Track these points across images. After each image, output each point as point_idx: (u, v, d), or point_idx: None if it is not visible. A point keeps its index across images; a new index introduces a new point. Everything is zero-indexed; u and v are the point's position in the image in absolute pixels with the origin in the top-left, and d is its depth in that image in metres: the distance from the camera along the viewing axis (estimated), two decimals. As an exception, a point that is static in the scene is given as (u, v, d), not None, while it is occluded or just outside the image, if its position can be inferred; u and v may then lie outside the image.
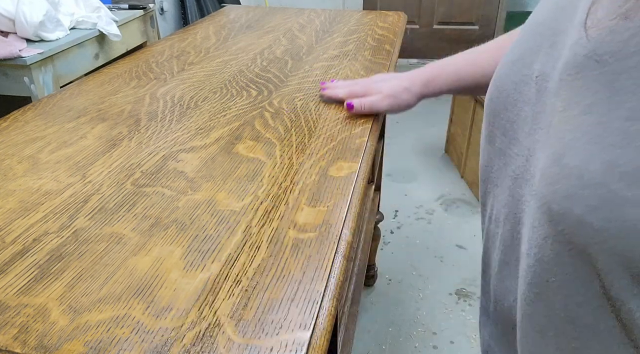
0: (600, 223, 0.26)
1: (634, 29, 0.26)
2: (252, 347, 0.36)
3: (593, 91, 0.27)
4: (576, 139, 0.27)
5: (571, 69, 0.29)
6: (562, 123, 0.29)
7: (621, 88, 0.26)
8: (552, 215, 0.29)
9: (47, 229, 0.48)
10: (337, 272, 0.44)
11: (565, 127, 0.29)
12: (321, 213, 0.50)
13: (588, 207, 0.26)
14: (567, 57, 0.30)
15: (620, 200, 0.25)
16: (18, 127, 0.69)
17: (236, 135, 0.67)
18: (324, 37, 1.12)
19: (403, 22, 1.25)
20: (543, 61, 0.33)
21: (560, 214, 0.28)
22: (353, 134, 0.67)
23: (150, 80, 0.86)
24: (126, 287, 0.41)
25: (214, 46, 1.06)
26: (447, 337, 1.41)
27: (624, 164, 0.25)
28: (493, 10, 3.23)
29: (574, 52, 0.29)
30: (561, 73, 0.30)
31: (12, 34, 1.45)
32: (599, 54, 0.27)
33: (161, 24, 2.57)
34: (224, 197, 0.53)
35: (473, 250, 1.74)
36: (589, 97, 0.27)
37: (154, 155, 0.62)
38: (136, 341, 0.36)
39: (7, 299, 0.40)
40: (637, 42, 0.25)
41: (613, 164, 0.25)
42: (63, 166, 0.59)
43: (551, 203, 0.29)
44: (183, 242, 0.46)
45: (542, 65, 0.33)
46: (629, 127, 0.25)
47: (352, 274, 0.93)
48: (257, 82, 0.85)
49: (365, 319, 1.48)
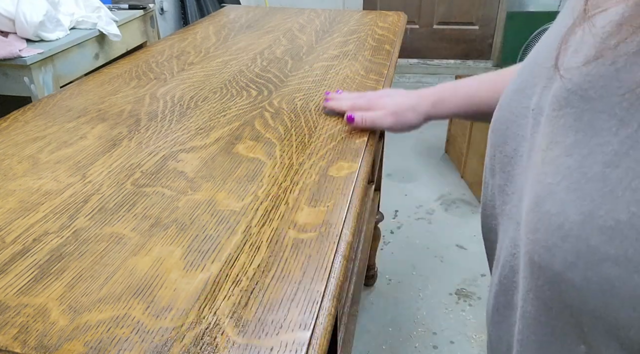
0: (581, 281, 0.23)
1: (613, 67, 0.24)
2: (252, 347, 0.36)
3: (574, 130, 0.25)
4: (556, 184, 0.25)
5: (555, 103, 0.27)
6: (544, 164, 0.27)
7: (602, 128, 0.24)
8: (533, 266, 0.27)
9: (47, 229, 0.48)
10: (337, 272, 0.44)
11: (546, 169, 0.26)
12: (321, 213, 0.50)
13: (567, 262, 0.24)
14: (555, 90, 0.28)
15: (600, 256, 0.22)
16: (18, 127, 0.69)
17: (236, 135, 0.67)
18: (324, 37, 1.12)
19: (403, 22, 1.25)
20: (539, 93, 0.31)
21: (540, 267, 0.26)
22: (353, 134, 0.67)
23: (150, 80, 0.86)
24: (126, 287, 0.41)
25: (214, 46, 1.06)
26: (447, 337, 1.41)
27: (603, 215, 0.22)
28: (493, 10, 3.22)
29: (559, 86, 0.27)
30: (548, 107, 0.28)
31: (12, 34, 1.45)
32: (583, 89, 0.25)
33: (161, 24, 2.57)
34: (224, 197, 0.53)
35: (473, 250, 1.74)
36: (570, 136, 0.25)
37: (154, 155, 0.62)
38: (136, 341, 0.36)
39: (7, 299, 0.40)
40: (619, 79, 0.23)
41: (592, 216, 0.23)
42: (63, 166, 0.59)
43: (532, 253, 0.26)
44: (183, 242, 0.46)
45: (539, 97, 0.31)
46: (609, 174, 0.23)
47: (352, 274, 0.92)
48: (257, 82, 0.85)
49: (365, 319, 1.48)
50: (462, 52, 3.37)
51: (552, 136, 0.27)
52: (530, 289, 0.28)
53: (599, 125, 0.24)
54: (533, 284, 0.27)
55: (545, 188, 0.26)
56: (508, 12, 3.18)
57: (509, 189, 0.33)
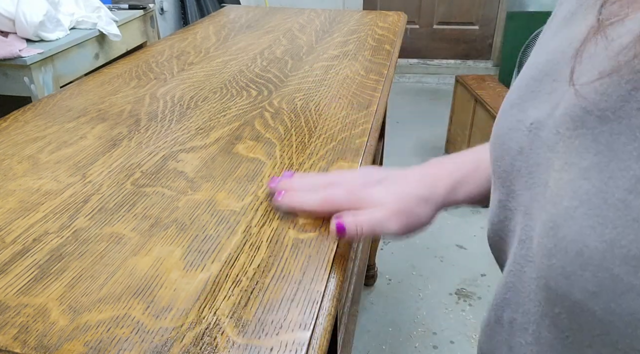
0: (603, 312, 0.22)
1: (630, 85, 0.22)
2: (252, 347, 0.36)
3: (593, 152, 0.24)
4: (573, 208, 0.24)
5: (569, 122, 0.26)
6: (559, 186, 0.26)
7: (622, 152, 0.22)
8: (549, 293, 0.26)
9: (47, 229, 0.48)
10: (337, 272, 0.44)
11: (561, 192, 0.25)
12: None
13: (588, 291, 0.23)
14: (566, 107, 0.26)
15: (624, 287, 0.21)
16: (18, 127, 0.69)
17: (236, 135, 0.67)
18: (324, 37, 1.12)
19: (403, 22, 1.25)
20: (539, 107, 0.29)
21: (558, 295, 0.25)
22: (353, 134, 0.67)
23: (150, 80, 0.86)
24: (126, 287, 0.41)
25: (214, 46, 1.06)
26: (447, 337, 1.41)
27: (627, 244, 0.21)
28: (493, 10, 3.23)
29: (572, 103, 0.26)
30: (558, 125, 0.27)
31: (12, 34, 1.45)
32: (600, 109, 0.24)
33: (161, 24, 2.57)
34: (224, 197, 0.53)
35: (473, 250, 1.74)
36: (588, 159, 0.24)
37: (154, 155, 0.62)
38: (136, 341, 0.36)
39: (7, 299, 0.40)
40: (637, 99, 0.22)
41: (615, 244, 0.22)
42: (63, 166, 0.59)
43: (548, 279, 0.25)
44: (183, 242, 0.46)
45: (538, 111, 0.29)
46: (632, 201, 0.21)
47: (352, 274, 0.92)
48: (257, 82, 0.85)
49: (365, 319, 1.48)
50: (462, 52, 3.37)
51: (566, 157, 0.26)
52: (545, 314, 0.27)
53: (618, 148, 0.23)
54: (549, 310, 0.26)
55: (561, 212, 0.25)
56: (508, 12, 3.18)
57: (510, 204, 0.32)
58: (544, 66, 0.31)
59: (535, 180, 0.29)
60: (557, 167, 0.26)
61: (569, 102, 0.26)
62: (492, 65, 3.32)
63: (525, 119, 0.30)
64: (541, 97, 0.30)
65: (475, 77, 2.23)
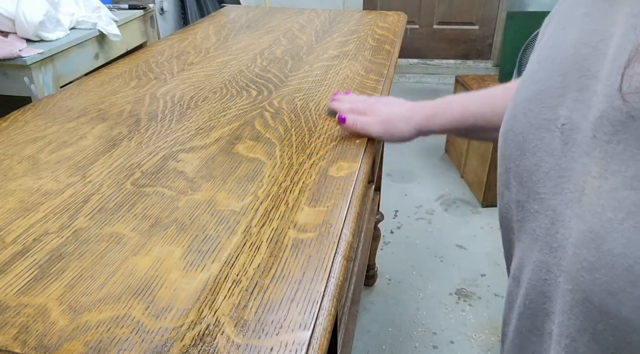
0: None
1: None
2: (252, 347, 0.36)
3: (637, 160, 0.23)
4: (618, 220, 0.23)
5: (607, 126, 0.24)
6: (598, 195, 0.24)
7: None
8: (591, 309, 0.24)
9: (47, 229, 0.48)
10: (337, 272, 0.44)
11: (602, 201, 0.24)
12: (321, 213, 0.50)
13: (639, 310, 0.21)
14: (603, 110, 0.25)
15: None
16: (18, 127, 0.69)
17: (236, 135, 0.67)
18: (324, 37, 1.12)
19: (403, 22, 1.25)
20: (570, 107, 0.28)
21: (602, 312, 0.23)
22: (353, 134, 0.66)
23: (150, 80, 0.86)
24: (126, 287, 0.41)
25: (214, 46, 1.06)
26: (447, 337, 1.41)
27: None
28: (493, 10, 3.22)
29: (612, 106, 0.24)
30: (594, 128, 0.26)
31: (12, 34, 1.45)
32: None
33: (161, 24, 2.57)
34: (224, 197, 0.53)
35: (473, 250, 1.74)
36: (632, 167, 0.23)
37: (154, 155, 0.62)
38: (136, 341, 0.36)
39: (7, 299, 0.40)
40: None
41: None
42: (63, 166, 0.59)
43: (590, 294, 0.24)
44: (183, 242, 0.46)
45: (570, 111, 0.28)
46: None
47: (352, 274, 0.92)
48: (257, 82, 0.85)
49: (365, 319, 1.48)
50: (462, 52, 3.37)
51: (605, 164, 0.24)
52: (584, 330, 0.25)
53: None
54: (589, 326, 0.25)
55: (604, 224, 0.24)
56: (508, 12, 3.17)
57: (530, 206, 0.31)
58: (568, 60, 0.29)
59: (566, 185, 0.28)
60: (595, 174, 0.25)
61: (606, 105, 0.25)
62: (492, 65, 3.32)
63: (555, 119, 0.29)
64: (569, 94, 0.28)
65: (475, 77, 2.24)
